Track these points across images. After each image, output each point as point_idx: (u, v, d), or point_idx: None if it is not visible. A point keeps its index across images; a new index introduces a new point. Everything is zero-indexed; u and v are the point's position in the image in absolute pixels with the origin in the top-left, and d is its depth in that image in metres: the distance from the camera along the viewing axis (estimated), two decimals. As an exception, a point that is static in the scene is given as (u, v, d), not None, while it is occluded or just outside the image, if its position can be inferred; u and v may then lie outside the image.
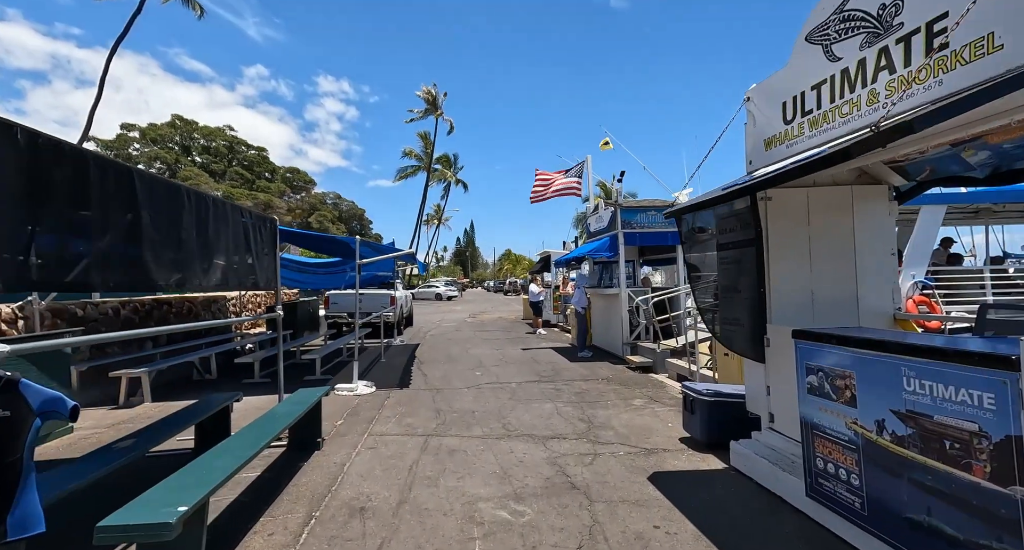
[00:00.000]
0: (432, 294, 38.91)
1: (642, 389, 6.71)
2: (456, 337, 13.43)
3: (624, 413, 5.50)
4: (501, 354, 10.23)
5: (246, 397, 6.35)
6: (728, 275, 3.77)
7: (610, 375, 7.76)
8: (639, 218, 9.22)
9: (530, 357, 9.79)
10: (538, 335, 13.82)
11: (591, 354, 9.73)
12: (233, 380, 7.60)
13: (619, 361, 9.01)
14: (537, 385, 7.09)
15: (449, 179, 51.41)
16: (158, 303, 8.41)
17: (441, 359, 9.55)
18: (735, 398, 4.08)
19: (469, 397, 6.35)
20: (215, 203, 3.50)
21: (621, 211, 9.20)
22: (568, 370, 8.29)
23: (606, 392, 6.57)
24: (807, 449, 2.83)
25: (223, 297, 11.22)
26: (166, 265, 3.08)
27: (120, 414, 5.74)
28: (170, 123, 46.86)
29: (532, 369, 8.43)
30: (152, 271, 2.95)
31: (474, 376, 7.81)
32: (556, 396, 6.37)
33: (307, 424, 4.28)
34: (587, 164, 11.67)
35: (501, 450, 4.34)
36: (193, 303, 9.73)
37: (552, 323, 16.22)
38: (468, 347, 11.31)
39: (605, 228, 9.86)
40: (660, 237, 9.21)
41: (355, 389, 6.55)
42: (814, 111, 3.05)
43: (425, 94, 43.92)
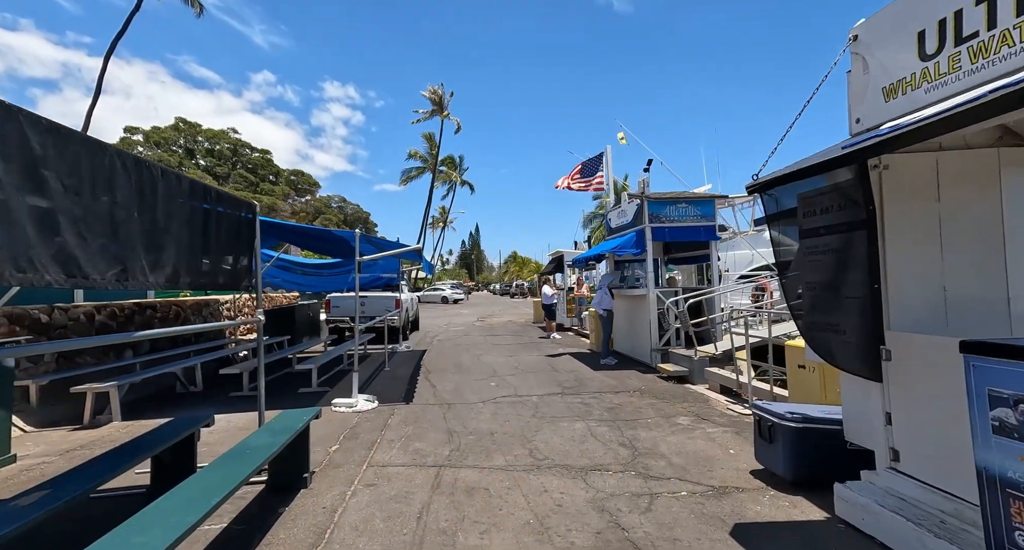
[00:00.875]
0: (438, 297, 38.13)
1: (683, 404, 5.84)
2: (465, 342, 12.59)
3: (671, 435, 4.63)
4: (516, 361, 9.38)
5: (230, 415, 5.55)
6: (822, 268, 2.92)
7: (641, 386, 6.88)
8: (668, 211, 8.36)
9: (548, 365, 8.93)
10: (552, 340, 12.96)
11: (615, 361, 8.86)
12: (220, 393, 6.80)
13: (648, 369, 8.13)
14: (561, 398, 6.24)
15: (454, 180, 50.72)
16: (140, 307, 7.64)
17: (451, 368, 8.72)
18: (831, 424, 3.21)
19: (486, 414, 5.51)
20: (166, 176, 2.69)
21: (648, 204, 8.34)
22: (593, 380, 7.42)
23: (642, 407, 5.70)
24: (993, 514, 1.97)
25: (215, 300, 10.46)
26: (97, 253, 2.28)
27: (81, 436, 4.94)
28: (174, 126, 46.54)
29: (552, 379, 7.57)
30: (80, 261, 2.14)
31: (489, 387, 6.97)
32: (586, 412, 5.51)
33: (291, 456, 3.46)
34: (607, 156, 10.83)
35: (532, 488, 3.49)
36: (181, 307, 8.97)
37: (566, 327, 15.36)
38: (479, 354, 10.46)
39: (629, 223, 9.01)
40: (691, 232, 8.35)
41: (355, 404, 5.72)
42: (980, 34, 2.20)
43: (431, 94, 43.32)
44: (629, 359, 9.23)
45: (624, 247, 8.40)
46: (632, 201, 8.85)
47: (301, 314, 11.34)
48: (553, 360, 9.48)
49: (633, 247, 8.36)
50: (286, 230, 6.27)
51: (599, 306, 9.02)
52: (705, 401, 5.97)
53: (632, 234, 8.55)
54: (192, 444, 3.49)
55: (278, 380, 7.63)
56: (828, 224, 2.85)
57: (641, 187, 8.53)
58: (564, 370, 8.36)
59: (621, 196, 9.40)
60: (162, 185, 2.64)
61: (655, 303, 8.32)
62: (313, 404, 5.97)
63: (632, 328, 9.25)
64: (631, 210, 8.94)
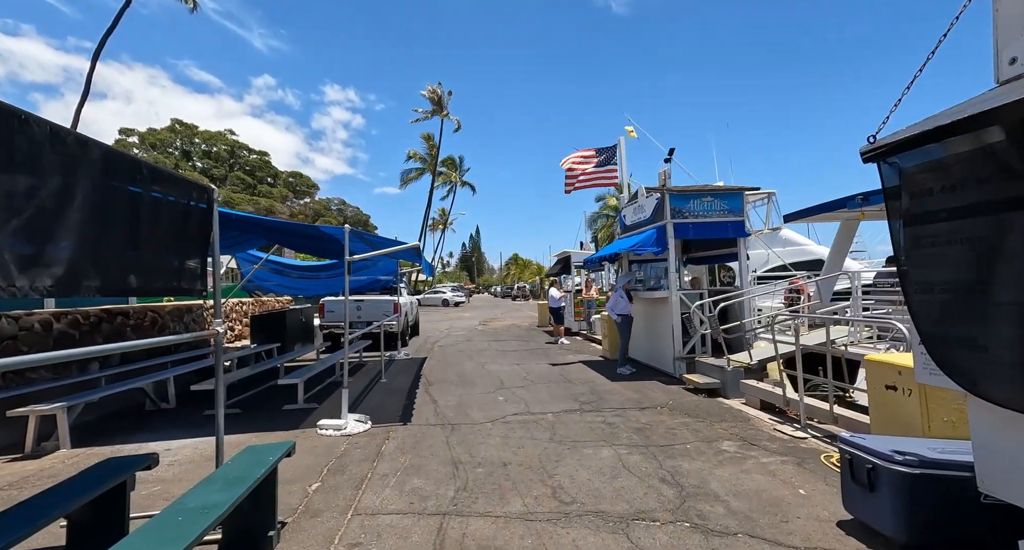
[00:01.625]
0: (439, 300, 37.37)
1: (722, 424, 5.07)
2: (468, 349, 11.82)
3: (720, 467, 3.86)
4: (524, 370, 8.61)
5: (202, 439, 4.80)
6: (962, 263, 2.15)
7: (668, 401, 6.12)
8: (692, 206, 7.60)
9: (559, 374, 8.16)
10: (560, 346, 12.19)
11: (633, 370, 8.10)
12: (195, 411, 6.03)
13: (671, 380, 7.36)
14: (580, 416, 5.47)
15: (455, 181, 50.02)
16: (109, 314, 6.88)
17: (453, 378, 7.95)
18: (959, 470, 2.45)
19: (495, 437, 4.74)
20: (61, 140, 1.93)
21: (670, 197, 7.59)
22: (612, 393, 6.65)
23: (676, 428, 4.93)
24: None
25: (199, 305, 9.70)
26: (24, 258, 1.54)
27: (16, 469, 4.17)
28: (169, 128, 45.88)
29: (567, 391, 6.80)
30: None
31: (497, 403, 6.20)
32: (611, 435, 4.74)
33: (252, 509, 2.69)
34: (620, 148, 10.08)
35: (561, 547, 2.72)
36: (159, 313, 8.21)
37: (573, 331, 14.59)
38: (484, 362, 9.69)
39: (647, 219, 8.26)
40: (718, 228, 7.59)
41: (344, 427, 4.95)
42: None
43: (430, 94, 42.67)
44: (648, 368, 8.46)
45: (643, 245, 7.64)
46: (651, 195, 8.10)
47: (293, 319, 10.58)
48: (564, 369, 8.72)
49: (653, 245, 7.60)
50: (264, 227, 5.52)
51: (614, 310, 8.25)
52: (746, 420, 5.19)
53: (652, 231, 7.79)
54: (124, 495, 2.72)
55: (262, 394, 6.87)
56: (973, 202, 2.08)
57: (662, 179, 7.78)
58: (578, 381, 7.59)
59: (638, 191, 8.66)
60: (53, 151, 1.88)
61: (678, 306, 7.55)
62: (296, 425, 5.21)
63: (651, 334, 8.48)
64: (650, 205, 8.19)
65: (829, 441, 4.36)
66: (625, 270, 9.79)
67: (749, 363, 6.30)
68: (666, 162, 7.91)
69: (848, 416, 4.39)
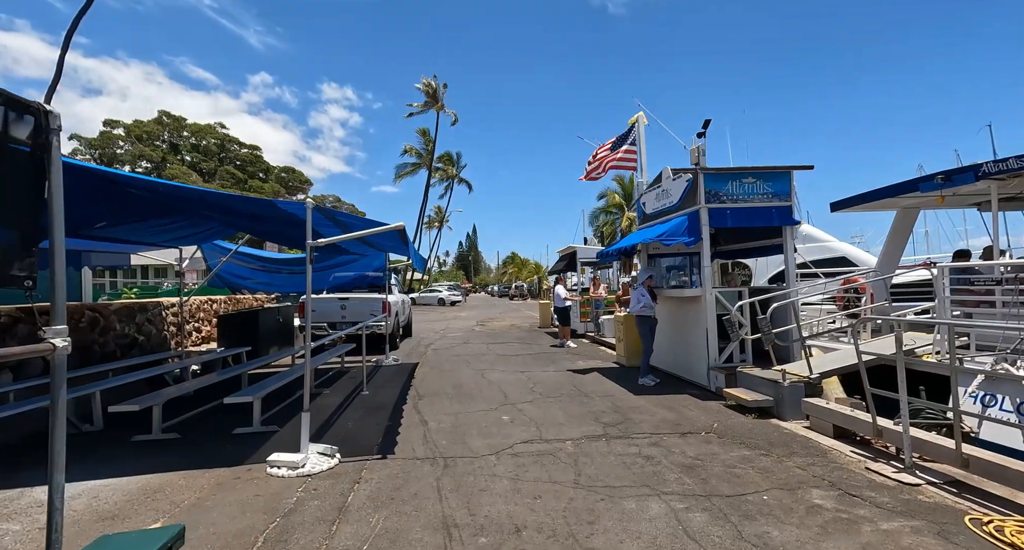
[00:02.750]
0: (435, 299, 36.18)
1: (793, 460, 3.92)
2: (465, 353, 10.64)
3: (829, 539, 2.70)
4: (530, 380, 7.45)
5: (108, 481, 3.60)
6: None
7: (712, 423, 4.97)
8: (730, 189, 6.45)
9: (572, 385, 7.00)
10: (567, 349, 11.03)
11: (657, 381, 6.95)
12: (122, 435, 4.80)
13: (707, 394, 6.21)
14: (608, 445, 4.31)
15: (452, 177, 48.75)
16: (26, 313, 5.66)
17: (448, 390, 6.77)
18: None
19: (503, 480, 3.57)
20: None
21: (705, 178, 6.43)
22: (640, 411, 5.50)
23: (737, 466, 3.77)
24: None
25: (157, 303, 8.48)
26: None
27: None
28: (156, 120, 44.36)
29: (584, 408, 5.65)
30: None
31: (501, 424, 5.03)
32: (655, 477, 3.58)
33: None
34: (638, 127, 8.90)
35: None
36: (102, 312, 6.99)
37: (579, 333, 13.42)
38: (483, 368, 8.52)
39: (674, 205, 7.10)
40: (760, 215, 6.44)
41: (301, 463, 3.76)
42: None
43: (425, 86, 41.36)
44: (674, 378, 7.31)
45: (672, 235, 6.48)
46: (679, 177, 6.94)
47: (267, 320, 9.37)
48: (576, 378, 7.55)
49: (684, 235, 6.44)
50: (164, 196, 4.24)
51: (637, 309, 7.09)
52: (823, 454, 4.04)
53: (682, 218, 6.63)
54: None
55: (213, 412, 5.66)
56: None
57: (695, 157, 6.62)
58: (595, 394, 6.43)
59: (662, 173, 7.49)
60: None
61: (713, 307, 6.40)
62: (241, 458, 4.02)
63: (678, 339, 7.32)
64: (677, 189, 7.03)
65: (956, 492, 3.21)
66: (644, 264, 8.63)
67: (808, 377, 5.15)
68: (699, 137, 6.77)
69: (985, 460, 3.23)
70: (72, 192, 2.98)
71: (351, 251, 7.47)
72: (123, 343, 7.34)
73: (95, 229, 5.80)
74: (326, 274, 10.69)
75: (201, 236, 7.20)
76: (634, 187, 31.40)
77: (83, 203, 4.25)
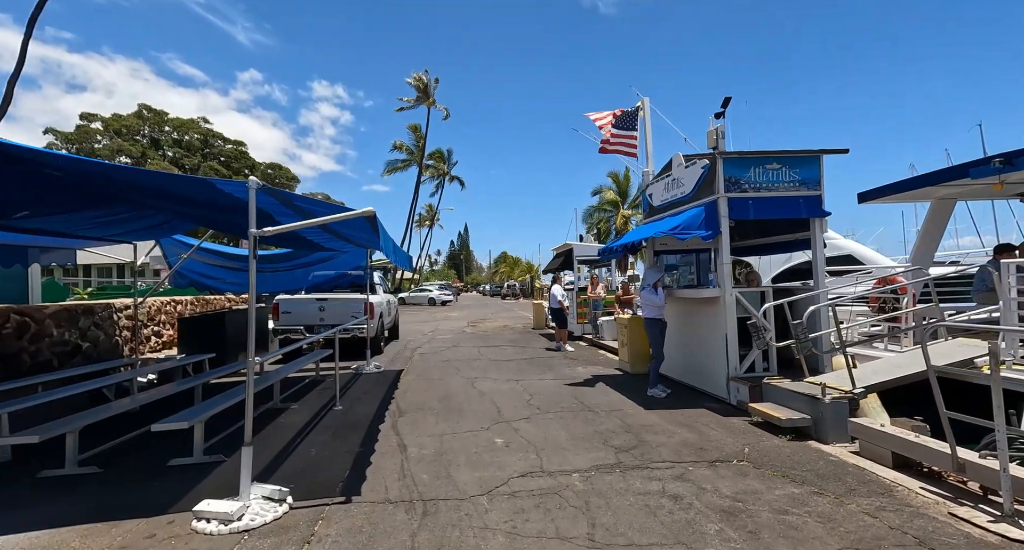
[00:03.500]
0: (425, 299, 35.28)
1: (856, 500, 3.18)
2: (455, 358, 9.83)
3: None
4: (526, 390, 6.67)
5: (22, 535, 2.73)
6: None
7: (741, 447, 4.22)
8: (753, 176, 5.71)
9: (573, 396, 6.23)
10: (564, 353, 10.27)
11: (668, 391, 6.21)
12: (30, 470, 3.93)
13: (727, 408, 5.48)
14: (624, 479, 3.54)
15: (443, 174, 47.82)
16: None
17: (434, 404, 5.97)
18: None
19: (498, 534, 2.78)
20: None
21: (724, 164, 5.69)
22: (654, 430, 4.74)
23: (787, 510, 3.02)
24: None
25: (107, 305, 7.57)
26: None
27: None
28: (136, 114, 42.87)
29: (590, 426, 4.88)
30: None
31: (494, 449, 4.24)
32: (690, 530, 2.81)
33: None
34: (644, 109, 8.13)
35: None
36: (32, 316, 6.08)
37: (576, 334, 12.66)
38: (474, 376, 7.72)
39: (687, 196, 6.35)
40: (786, 206, 5.71)
41: (236, 515, 2.92)
42: None
43: (416, 81, 40.41)
44: (685, 388, 6.58)
45: (687, 228, 5.73)
46: (693, 164, 6.20)
47: (234, 323, 8.49)
48: (578, 389, 6.78)
49: (700, 228, 5.69)
50: (83, 176, 3.39)
51: (648, 310, 6.34)
52: (887, 492, 3.30)
53: (698, 210, 5.88)
54: None
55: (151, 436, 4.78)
56: None
57: (713, 140, 5.87)
58: (600, 408, 5.67)
59: (672, 160, 6.74)
60: None
61: (733, 309, 5.66)
62: (167, 504, 3.18)
63: (689, 344, 6.59)
64: (691, 177, 6.29)
65: (1085, 552, 2.48)
66: (650, 262, 7.89)
67: (851, 391, 4.42)
68: (717, 117, 6.00)
69: None
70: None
71: (326, 247, 6.63)
72: (62, 351, 6.44)
73: (15, 220, 4.92)
74: (303, 272, 9.79)
75: (159, 230, 6.33)
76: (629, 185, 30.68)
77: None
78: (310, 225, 3.38)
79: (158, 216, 5.44)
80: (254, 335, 3.29)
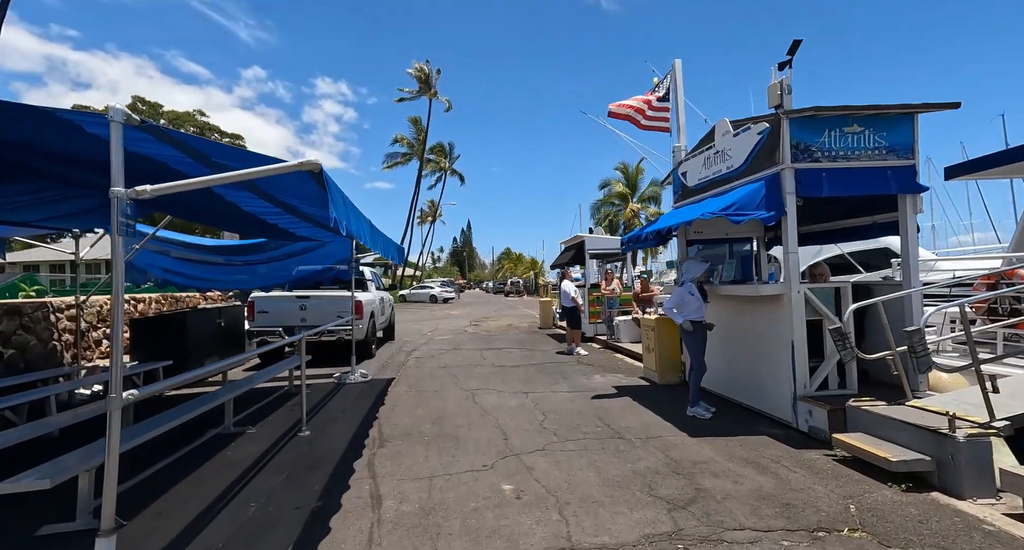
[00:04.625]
0: (426, 296, 34.18)
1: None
2: (454, 363, 8.68)
3: None
4: (537, 406, 5.52)
5: None
6: None
7: (843, 502, 3.04)
8: (828, 141, 4.50)
9: (595, 415, 5.07)
10: (577, 358, 9.11)
11: (712, 411, 5.04)
12: None
13: (793, 436, 4.30)
14: (694, 567, 2.37)
15: (444, 169, 46.63)
16: None
17: (425, 428, 4.81)
18: None
19: None
20: None
21: (792, 126, 4.48)
22: (710, 470, 3.57)
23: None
24: None
25: (41, 305, 6.44)
26: None
27: None
28: (131, 106, 41.80)
29: (624, 463, 3.71)
30: None
31: (500, 503, 3.08)
32: None
33: None
34: (675, 73, 6.88)
35: None
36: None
37: (588, 335, 11.47)
38: (475, 388, 6.57)
39: (738, 169, 5.16)
40: (870, 180, 4.50)
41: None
42: None
43: (417, 72, 39.17)
44: (731, 405, 5.40)
45: (742, 208, 4.54)
46: (746, 129, 4.99)
47: (199, 325, 7.35)
48: (600, 404, 5.61)
49: (760, 208, 4.50)
50: None
51: (681, 313, 5.16)
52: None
53: (756, 186, 4.68)
54: None
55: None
56: None
57: (778, 96, 4.65)
58: (633, 433, 4.51)
59: (715, 128, 5.54)
60: None
61: (802, 310, 4.47)
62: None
63: (741, 353, 5.40)
64: (741, 147, 5.09)
65: None
66: (682, 252, 6.70)
67: (989, 424, 3.23)
68: (782, 68, 4.77)
69: None
70: None
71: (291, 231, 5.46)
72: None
73: None
74: (285, 265, 8.61)
75: (98, 214, 5.21)
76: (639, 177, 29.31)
77: None
78: (220, 182, 2.21)
79: (91, 194, 4.35)
80: (120, 347, 2.13)
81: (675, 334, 6.89)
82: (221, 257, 7.19)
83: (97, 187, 4.01)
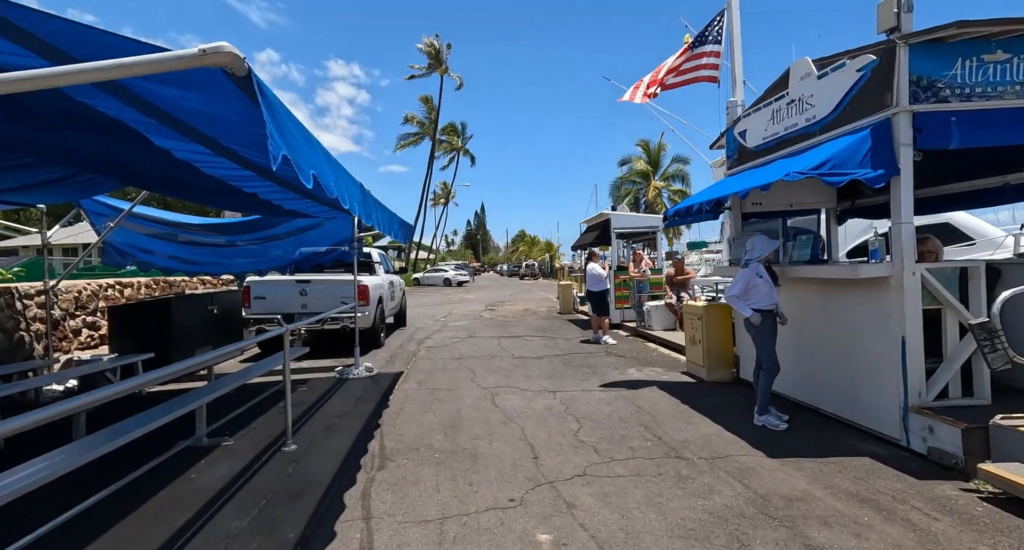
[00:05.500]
0: (440, 279, 33.47)
1: None
2: (470, 354, 7.84)
3: None
4: (568, 410, 4.63)
5: None
6: None
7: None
8: (959, 75, 3.41)
9: (642, 426, 4.16)
10: (606, 347, 8.19)
11: (786, 419, 4.09)
12: None
13: (903, 458, 3.34)
14: None
15: (457, 149, 45.40)
16: None
17: (436, 441, 3.96)
18: None
19: None
20: None
21: (911, 53, 3.39)
22: (812, 512, 2.64)
23: None
24: None
25: (7, 290, 5.73)
26: None
27: None
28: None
29: (695, 498, 2.80)
30: None
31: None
32: None
33: None
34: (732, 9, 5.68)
35: None
36: None
37: (615, 322, 10.49)
38: (495, 386, 5.71)
39: (824, 120, 4.09)
40: (1017, 123, 3.40)
41: None
42: None
43: (427, 47, 37.68)
44: (805, 410, 4.44)
45: (838, 166, 3.50)
46: (839, 66, 3.90)
47: (187, 312, 6.59)
48: (642, 407, 4.69)
49: (864, 165, 3.47)
50: None
51: (748, 301, 4.18)
52: None
53: (860, 135, 3.62)
54: None
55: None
56: None
57: (894, 12, 3.53)
58: (694, 450, 3.60)
59: (790, 69, 4.45)
60: None
61: (917, 298, 3.46)
62: None
63: (823, 349, 4.39)
64: (830, 91, 4.01)
65: None
66: (737, 227, 5.66)
67: None
68: (897, -22, 3.65)
69: None
70: None
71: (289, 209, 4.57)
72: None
73: None
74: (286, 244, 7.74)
75: (66, 186, 4.41)
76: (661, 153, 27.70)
77: None
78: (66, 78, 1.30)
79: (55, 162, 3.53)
80: None
81: (726, 323, 5.93)
82: (203, 236, 6.39)
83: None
